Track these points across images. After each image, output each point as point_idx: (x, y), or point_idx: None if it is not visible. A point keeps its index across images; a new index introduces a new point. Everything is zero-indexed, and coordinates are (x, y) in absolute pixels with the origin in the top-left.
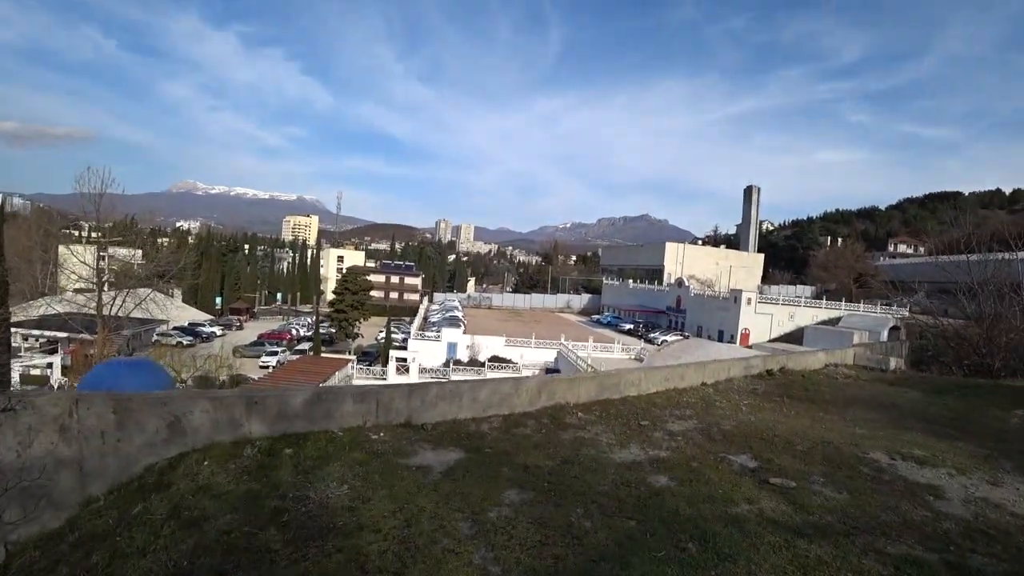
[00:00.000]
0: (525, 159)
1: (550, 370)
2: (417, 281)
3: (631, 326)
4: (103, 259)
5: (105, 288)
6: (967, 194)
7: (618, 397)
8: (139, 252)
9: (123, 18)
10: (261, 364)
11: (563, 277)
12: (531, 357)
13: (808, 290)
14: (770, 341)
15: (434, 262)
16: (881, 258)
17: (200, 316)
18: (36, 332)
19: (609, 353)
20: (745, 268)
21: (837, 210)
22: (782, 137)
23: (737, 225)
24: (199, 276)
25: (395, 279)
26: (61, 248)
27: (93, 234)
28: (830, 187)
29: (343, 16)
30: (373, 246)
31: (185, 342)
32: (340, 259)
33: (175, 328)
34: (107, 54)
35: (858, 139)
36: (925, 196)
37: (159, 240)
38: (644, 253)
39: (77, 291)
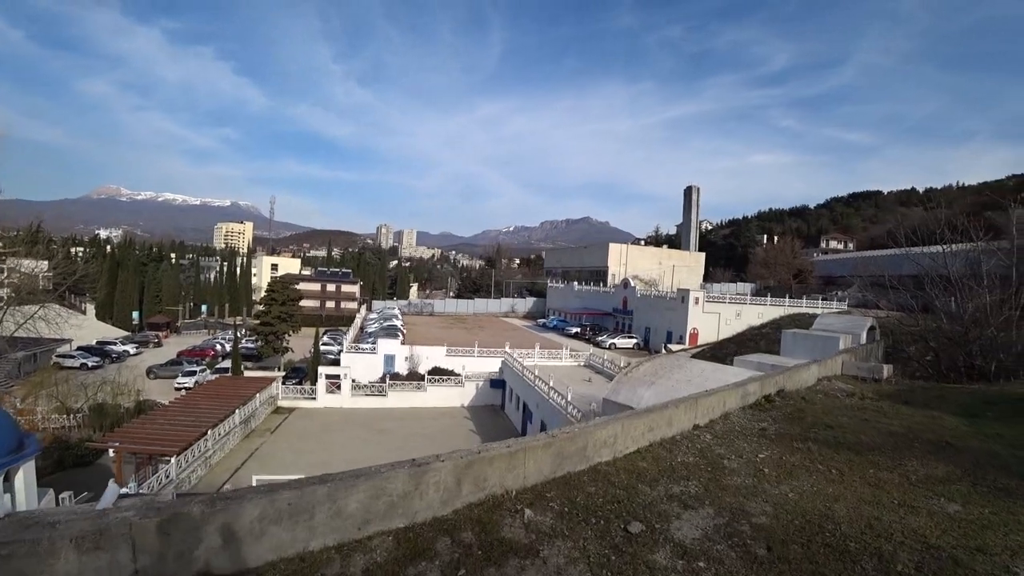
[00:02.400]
0: (468, 162)
1: (494, 381)
2: (355, 289)
3: (578, 329)
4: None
5: (3, 302)
6: (887, 193)
7: (585, 468)
8: (44, 264)
9: (32, 7)
10: (176, 386)
11: (507, 281)
12: (474, 367)
13: (749, 287)
14: (719, 341)
15: (374, 268)
16: (815, 254)
17: (113, 332)
18: None
19: (557, 361)
20: (687, 267)
21: (771, 209)
22: (718, 140)
23: (678, 225)
24: (106, 289)
25: (331, 287)
26: None
27: None
28: (764, 188)
29: (278, 14)
30: (312, 253)
31: (90, 364)
32: (274, 267)
33: (79, 348)
34: (13, 43)
35: (787, 142)
36: (850, 195)
37: (72, 250)
38: (588, 254)
39: None
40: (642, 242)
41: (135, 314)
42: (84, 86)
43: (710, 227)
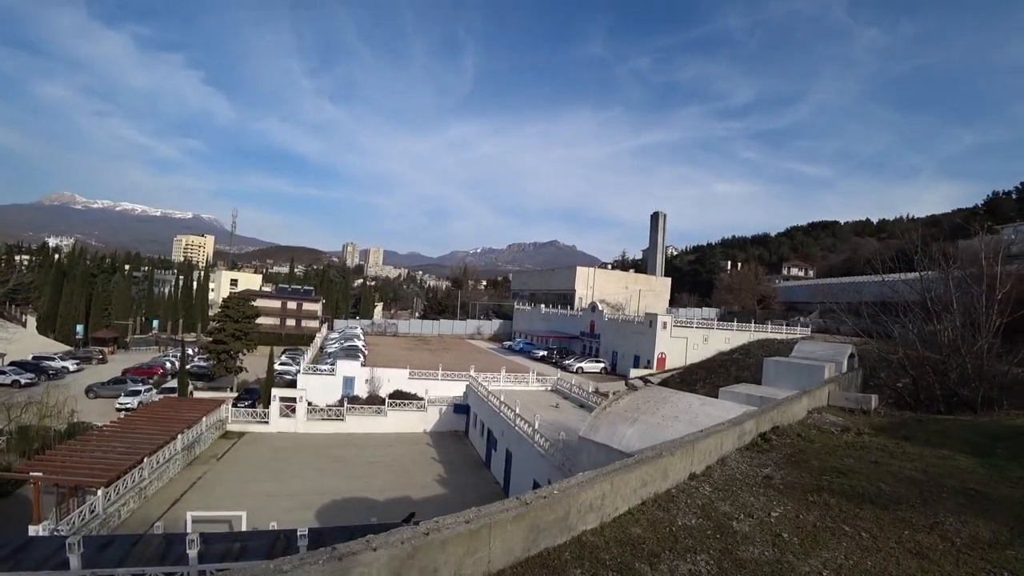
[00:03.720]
0: (437, 183)
1: (458, 406)
2: (317, 307)
3: (544, 352)
4: None
5: None
6: (843, 223)
7: (567, 541)
8: None
9: None
10: (118, 406)
11: (474, 302)
12: (438, 391)
13: (714, 312)
14: (687, 366)
15: (338, 286)
16: (777, 280)
17: (54, 347)
18: None
19: (524, 385)
20: (653, 292)
21: (734, 236)
22: (683, 169)
23: (644, 250)
24: (50, 300)
25: (292, 305)
26: None
27: None
28: (727, 216)
29: (251, 27)
30: (275, 269)
31: (23, 381)
32: (234, 282)
33: (11, 364)
34: None
35: (749, 173)
36: (809, 224)
37: (17, 257)
38: (555, 278)
39: None
40: (609, 266)
41: (79, 328)
42: (41, 88)
43: (676, 253)
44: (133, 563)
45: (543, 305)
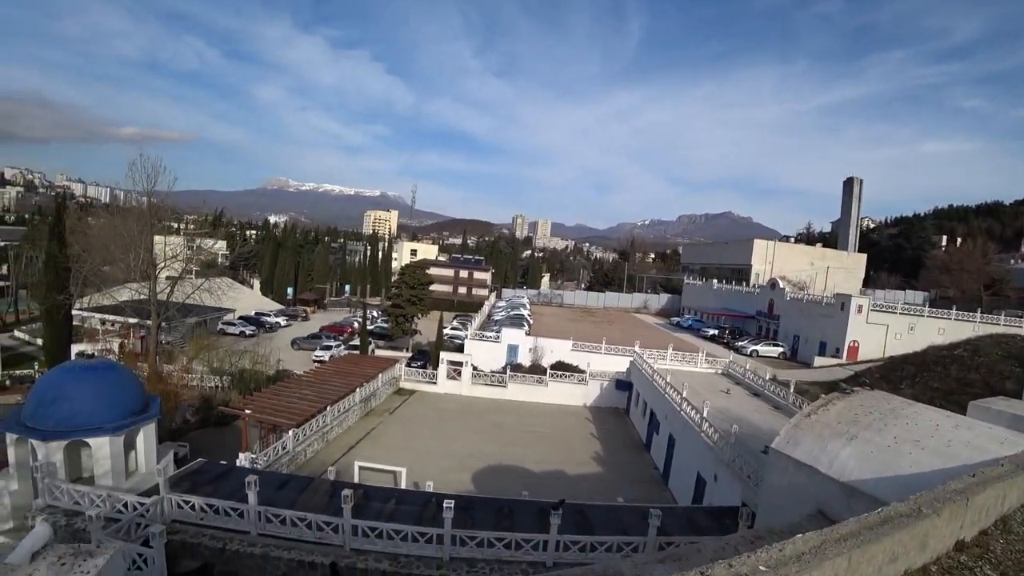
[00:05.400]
0: (603, 154)
1: (620, 382)
2: (486, 276)
3: (715, 331)
4: (167, 247)
5: (192, 276)
6: None
7: None
8: (223, 243)
9: (223, 27)
10: (314, 358)
11: (641, 275)
12: (600, 365)
13: (921, 296)
14: (886, 359)
15: (507, 257)
16: (1013, 260)
17: (270, 305)
18: (111, 317)
19: (692, 366)
20: (845, 269)
21: (951, 206)
22: (880, 127)
23: (833, 222)
24: (269, 267)
25: (463, 273)
26: (157, 238)
27: (178, 225)
28: (939, 181)
29: (422, 15)
30: (450, 240)
31: (248, 332)
32: (413, 252)
33: (240, 318)
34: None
35: (972, 126)
36: None
37: (248, 233)
38: (729, 251)
39: (169, 279)
40: (791, 240)
41: (289, 290)
42: (258, 92)
43: (872, 225)
44: (300, 507)
45: (715, 280)
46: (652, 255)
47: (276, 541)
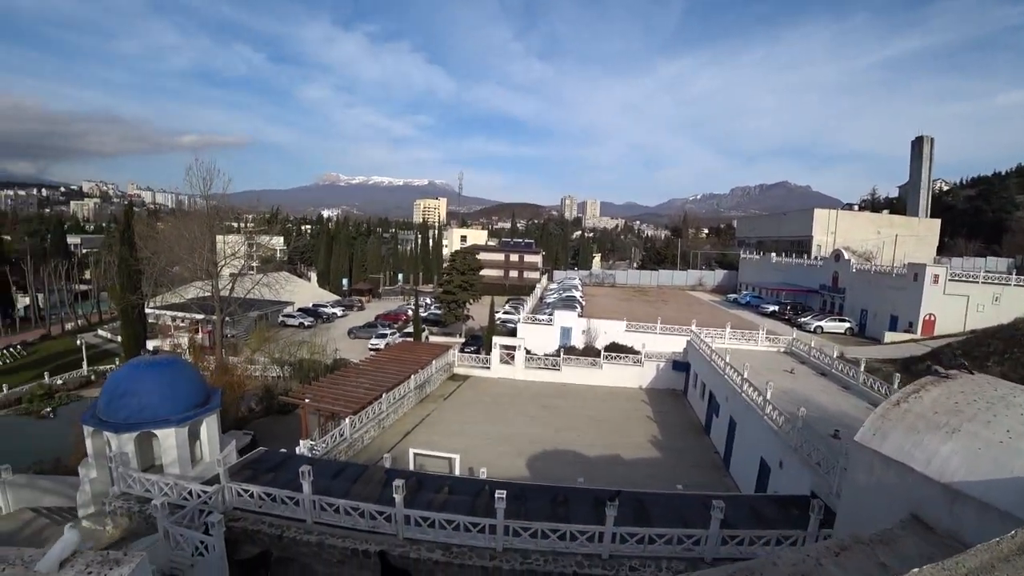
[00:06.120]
0: (650, 129)
1: (677, 363)
2: (537, 259)
3: (775, 307)
4: (227, 245)
5: (252, 272)
6: None
7: None
8: (280, 239)
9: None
10: (370, 346)
11: (694, 252)
12: (655, 346)
13: (1005, 263)
14: (967, 333)
15: (557, 239)
16: None
17: (327, 297)
18: (180, 314)
19: (752, 344)
20: (916, 237)
21: None
22: (950, 80)
23: (901, 186)
24: (324, 260)
25: (514, 257)
26: (218, 238)
27: (237, 224)
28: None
29: (458, 2)
30: (499, 225)
31: (306, 323)
32: (463, 238)
33: (299, 310)
34: (255, 66)
35: None
36: None
37: (303, 227)
38: (787, 222)
39: (231, 275)
40: (855, 207)
41: (344, 281)
42: (305, 92)
43: (946, 188)
44: (354, 496)
45: (773, 254)
46: (705, 230)
47: (331, 529)
